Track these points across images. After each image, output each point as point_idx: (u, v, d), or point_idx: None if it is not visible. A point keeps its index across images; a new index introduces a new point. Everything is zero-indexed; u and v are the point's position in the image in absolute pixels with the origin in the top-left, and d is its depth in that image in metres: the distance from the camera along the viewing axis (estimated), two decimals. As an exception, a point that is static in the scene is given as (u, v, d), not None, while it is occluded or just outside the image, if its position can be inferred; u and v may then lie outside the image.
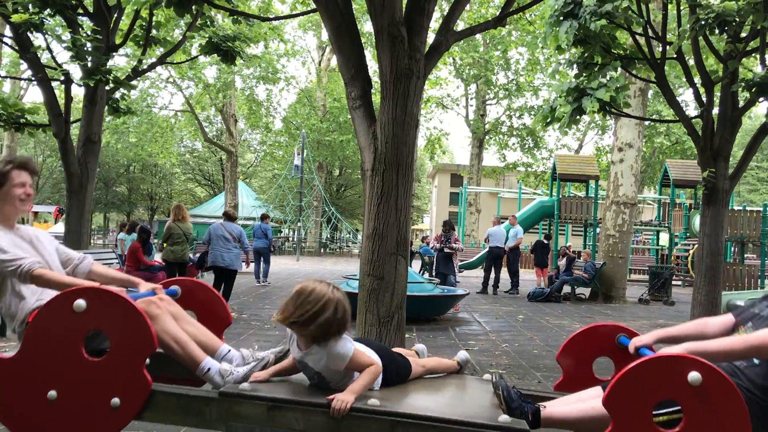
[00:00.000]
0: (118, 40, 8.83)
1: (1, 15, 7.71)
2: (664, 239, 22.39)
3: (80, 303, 2.28)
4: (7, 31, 8.88)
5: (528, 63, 26.88)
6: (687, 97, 26.92)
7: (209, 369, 2.60)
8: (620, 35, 8.23)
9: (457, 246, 10.74)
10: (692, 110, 20.99)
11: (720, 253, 7.48)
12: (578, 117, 7.41)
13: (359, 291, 4.56)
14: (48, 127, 8.71)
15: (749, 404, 2.16)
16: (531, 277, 17.89)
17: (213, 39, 9.26)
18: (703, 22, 6.43)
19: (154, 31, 9.40)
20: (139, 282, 2.85)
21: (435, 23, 9.94)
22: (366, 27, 23.10)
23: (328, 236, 35.58)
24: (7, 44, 9.65)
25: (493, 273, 13.48)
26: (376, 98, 4.72)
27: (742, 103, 7.43)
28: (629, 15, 7.02)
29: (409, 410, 2.31)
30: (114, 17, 8.61)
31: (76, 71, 8.50)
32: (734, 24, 6.54)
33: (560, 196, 18.14)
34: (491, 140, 30.42)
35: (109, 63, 8.35)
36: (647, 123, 19.96)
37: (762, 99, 7.08)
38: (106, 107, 8.97)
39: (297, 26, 31.54)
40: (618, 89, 7.16)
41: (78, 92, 10.70)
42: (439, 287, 9.81)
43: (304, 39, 65.48)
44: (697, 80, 7.81)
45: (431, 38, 5.13)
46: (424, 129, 29.19)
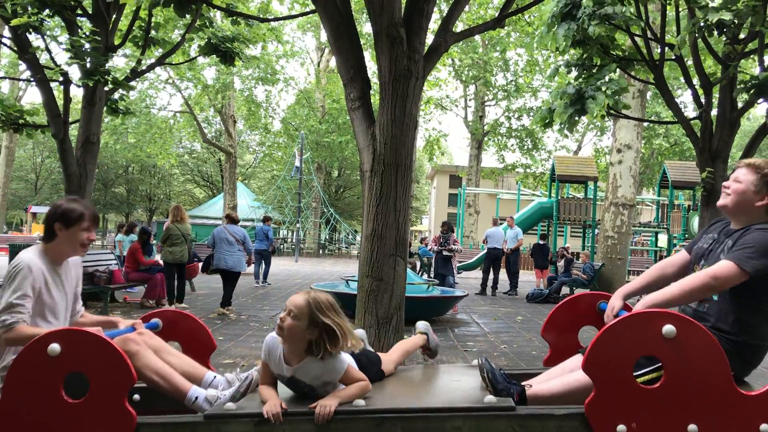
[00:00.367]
0: (117, 41, 8.82)
1: (0, 17, 7.70)
2: (663, 240, 22.39)
3: (54, 347, 2.25)
4: (6, 32, 8.86)
5: (527, 64, 26.89)
6: (686, 99, 26.90)
7: (197, 398, 2.57)
8: (619, 37, 8.23)
9: (456, 247, 10.73)
10: (691, 111, 20.94)
11: (719, 254, 7.47)
12: (577, 119, 7.42)
13: (358, 292, 4.56)
14: (47, 128, 8.70)
15: (721, 343, 2.19)
16: (530, 279, 17.89)
17: (212, 40, 9.27)
18: (702, 24, 6.44)
19: (153, 32, 9.39)
20: (118, 321, 2.87)
21: (434, 24, 9.94)
22: (365, 28, 23.08)
23: (327, 237, 35.56)
24: (6, 45, 9.63)
25: (492, 274, 13.47)
26: (375, 99, 4.72)
27: (741, 105, 7.44)
28: (628, 17, 7.03)
29: (396, 405, 2.31)
30: (113, 18, 8.60)
31: (75, 72, 8.50)
32: (733, 26, 6.54)
33: (559, 198, 18.15)
34: (490, 141, 30.38)
35: (108, 64, 8.34)
36: (646, 124, 19.95)
37: (761, 100, 7.08)
38: (105, 108, 8.96)
39: (296, 27, 31.50)
40: (618, 92, 7.16)
41: (77, 93, 10.68)
42: (438, 288, 9.82)
43: (303, 40, 65.50)
44: (696, 81, 7.81)
45: (430, 39, 5.13)
46: (423, 130, 29.20)
